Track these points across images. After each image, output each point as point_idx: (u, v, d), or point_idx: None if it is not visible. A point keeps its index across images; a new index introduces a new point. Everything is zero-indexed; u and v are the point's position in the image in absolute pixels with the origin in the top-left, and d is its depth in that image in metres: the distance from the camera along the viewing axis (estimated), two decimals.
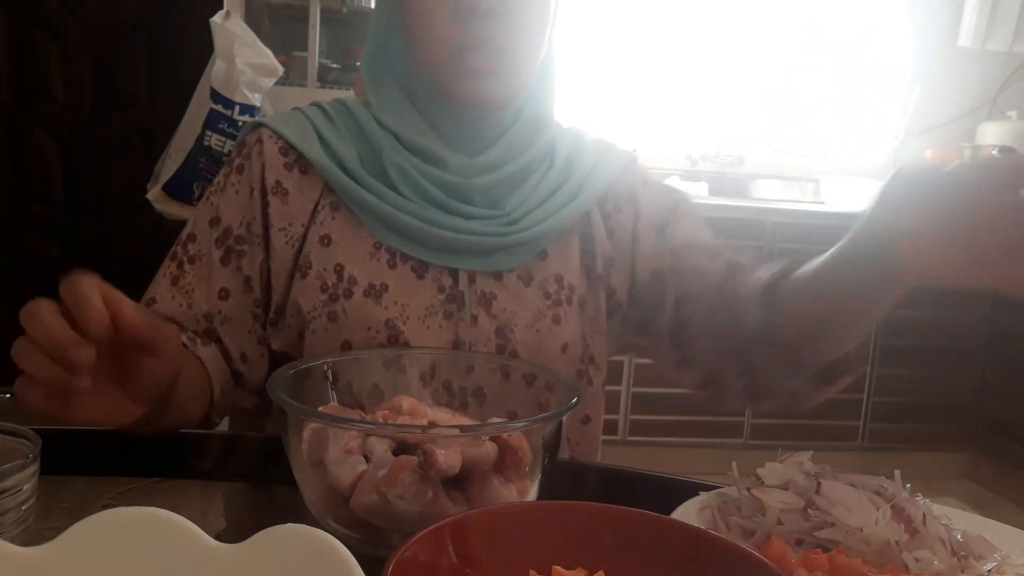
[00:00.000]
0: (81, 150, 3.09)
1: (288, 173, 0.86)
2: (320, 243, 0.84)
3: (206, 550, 0.40)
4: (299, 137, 0.86)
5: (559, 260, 0.88)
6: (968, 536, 0.58)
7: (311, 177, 0.86)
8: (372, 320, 0.81)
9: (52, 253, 3.07)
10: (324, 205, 0.85)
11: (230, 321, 0.85)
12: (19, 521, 0.49)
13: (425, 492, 0.52)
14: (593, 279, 0.90)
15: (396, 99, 0.86)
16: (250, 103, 2.41)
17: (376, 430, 0.56)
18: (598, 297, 0.90)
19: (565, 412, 0.57)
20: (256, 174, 0.86)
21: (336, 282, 0.82)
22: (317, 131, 0.86)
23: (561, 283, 0.88)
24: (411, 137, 0.84)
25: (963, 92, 3.49)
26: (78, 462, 0.66)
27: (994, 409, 3.02)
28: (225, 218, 0.85)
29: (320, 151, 0.85)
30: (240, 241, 0.85)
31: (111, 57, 3.08)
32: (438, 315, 0.83)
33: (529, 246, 0.86)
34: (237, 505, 0.66)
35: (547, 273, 0.87)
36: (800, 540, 0.56)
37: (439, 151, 0.84)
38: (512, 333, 0.84)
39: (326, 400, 0.66)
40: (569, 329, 0.86)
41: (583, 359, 0.89)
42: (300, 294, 0.83)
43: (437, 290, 0.84)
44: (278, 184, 0.85)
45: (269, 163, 0.86)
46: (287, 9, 2.80)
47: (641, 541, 0.47)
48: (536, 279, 0.87)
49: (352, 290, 0.82)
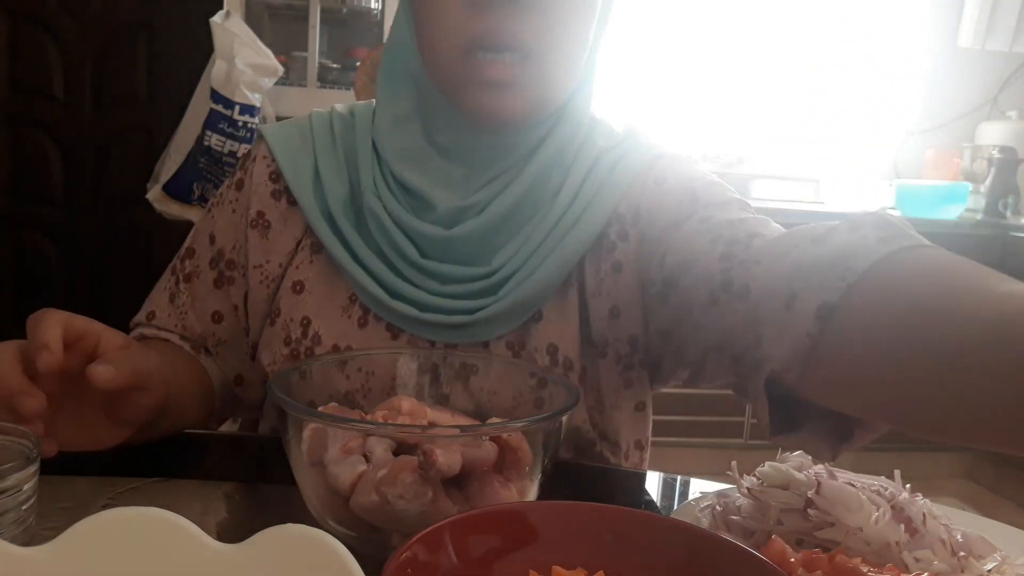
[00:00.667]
0: (81, 150, 3.09)
1: (275, 203, 0.80)
2: (292, 289, 0.78)
3: (206, 550, 0.40)
4: (292, 165, 0.78)
5: (555, 324, 0.75)
6: (968, 536, 0.58)
7: (297, 210, 0.79)
8: (333, 387, 0.69)
9: (52, 253, 3.07)
10: (304, 246, 0.79)
11: (224, 344, 0.83)
12: (19, 521, 0.49)
13: (425, 492, 0.52)
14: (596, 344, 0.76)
15: (405, 117, 0.75)
16: (250, 103, 2.41)
17: (376, 430, 0.56)
18: (598, 368, 0.77)
19: (565, 412, 0.57)
20: (245, 199, 0.81)
21: (300, 337, 0.76)
22: (316, 158, 0.79)
23: (555, 355, 0.75)
24: (403, 173, 0.74)
25: (963, 92, 3.49)
26: (78, 462, 0.66)
27: None
28: (220, 239, 0.82)
29: (308, 187, 0.77)
30: (231, 266, 0.81)
31: (111, 57, 3.08)
32: (408, 387, 0.70)
33: (515, 311, 0.74)
34: (237, 505, 0.66)
35: (539, 341, 0.74)
36: (800, 540, 0.56)
37: (429, 192, 0.73)
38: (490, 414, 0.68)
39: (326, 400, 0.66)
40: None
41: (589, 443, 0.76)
42: (265, 344, 0.79)
43: (410, 357, 0.71)
44: (260, 216, 0.79)
45: (255, 189, 0.80)
46: (287, 9, 2.80)
47: (641, 541, 0.47)
48: (528, 348, 0.75)
49: (314, 349, 0.75)
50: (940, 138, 3.48)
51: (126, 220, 2.99)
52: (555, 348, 0.75)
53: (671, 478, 0.77)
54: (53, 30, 3.04)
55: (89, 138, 3.09)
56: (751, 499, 0.60)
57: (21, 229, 3.09)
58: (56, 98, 3.07)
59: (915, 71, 3.46)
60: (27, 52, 3.04)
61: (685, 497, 0.71)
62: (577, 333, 0.75)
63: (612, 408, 0.78)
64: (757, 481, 0.61)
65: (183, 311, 0.82)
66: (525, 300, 0.73)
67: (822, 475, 0.60)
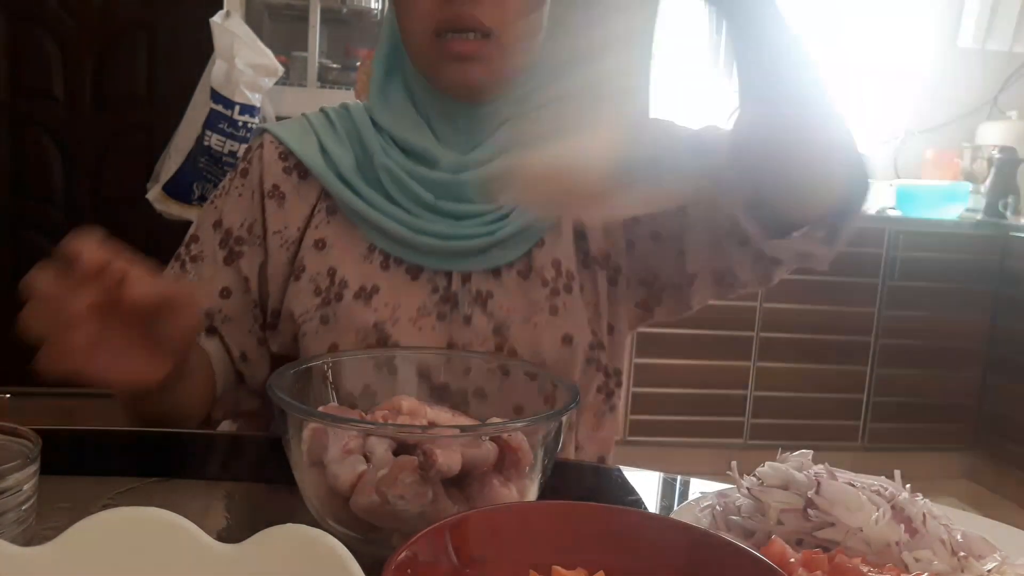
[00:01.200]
0: (81, 150, 3.09)
1: (287, 177, 0.86)
2: (315, 247, 0.84)
3: (206, 550, 0.40)
4: (299, 143, 0.86)
5: (554, 245, 0.85)
6: (968, 536, 0.58)
7: (309, 182, 0.86)
8: (360, 323, 0.81)
9: (52, 253, 3.07)
10: (320, 209, 0.86)
11: (231, 321, 0.85)
12: (19, 521, 0.49)
13: (425, 492, 0.52)
14: (589, 262, 0.87)
15: (397, 98, 0.86)
16: (250, 103, 2.41)
17: (376, 430, 0.56)
18: (597, 281, 0.87)
19: (565, 412, 0.57)
20: (256, 178, 0.87)
21: (328, 285, 0.83)
22: (318, 137, 0.87)
23: (559, 269, 0.85)
24: (404, 136, 0.84)
25: (963, 92, 3.49)
26: (78, 462, 0.66)
27: (994, 409, 3.02)
28: (227, 220, 0.86)
29: (318, 157, 0.85)
30: (240, 242, 0.86)
31: (111, 57, 3.09)
32: (431, 316, 0.82)
33: (522, 236, 0.84)
34: (237, 505, 0.66)
35: (544, 260, 0.85)
36: (800, 540, 0.56)
37: (431, 149, 0.83)
38: (509, 331, 0.82)
39: (326, 400, 0.66)
40: (570, 319, 0.83)
41: (592, 346, 0.86)
42: (294, 297, 0.83)
43: (431, 291, 0.83)
44: (275, 188, 0.86)
45: (267, 167, 0.86)
46: (287, 9, 2.80)
47: (641, 541, 0.47)
48: (535, 269, 0.84)
49: (343, 293, 0.82)
50: (940, 138, 3.48)
51: (126, 220, 2.99)
52: (558, 262, 0.85)
53: (671, 478, 0.77)
54: (53, 30, 3.04)
55: (89, 138, 3.09)
56: (751, 499, 0.60)
57: (21, 229, 3.09)
58: (56, 98, 3.07)
59: (915, 71, 3.46)
60: (27, 52, 3.04)
61: (685, 497, 0.71)
62: (573, 250, 0.86)
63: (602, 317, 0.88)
64: (757, 481, 0.61)
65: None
66: (530, 223, 0.83)
67: (822, 475, 0.60)
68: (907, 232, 2.94)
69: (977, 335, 3.03)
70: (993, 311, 3.02)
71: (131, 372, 0.64)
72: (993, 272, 2.99)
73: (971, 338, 3.03)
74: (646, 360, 2.83)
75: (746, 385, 2.92)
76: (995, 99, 3.51)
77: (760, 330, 2.89)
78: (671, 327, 2.81)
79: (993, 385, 3.03)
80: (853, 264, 2.90)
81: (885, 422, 3.03)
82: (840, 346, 2.95)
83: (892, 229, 2.93)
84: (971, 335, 3.03)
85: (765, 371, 2.92)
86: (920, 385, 3.03)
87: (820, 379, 2.96)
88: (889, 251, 2.93)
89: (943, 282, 2.98)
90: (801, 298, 2.89)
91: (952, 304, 2.99)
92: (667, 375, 2.86)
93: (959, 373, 3.05)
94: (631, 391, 2.83)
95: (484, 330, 0.82)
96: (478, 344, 0.82)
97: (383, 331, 0.80)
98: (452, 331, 0.82)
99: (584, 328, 0.85)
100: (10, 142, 3.07)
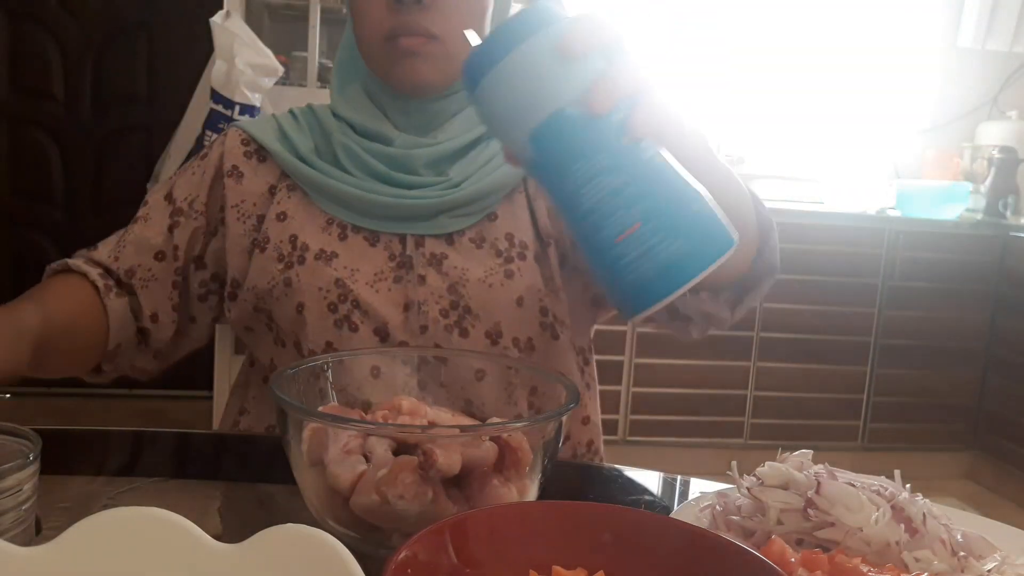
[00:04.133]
0: (81, 150, 3.09)
1: (247, 160, 0.93)
2: (277, 219, 0.89)
3: (206, 550, 0.40)
4: (261, 132, 0.93)
5: (509, 220, 0.90)
6: (968, 536, 0.58)
7: (268, 165, 0.92)
8: (322, 280, 0.85)
9: (52, 253, 3.07)
10: (281, 187, 0.91)
11: (154, 280, 0.91)
12: (19, 521, 0.49)
13: (425, 492, 0.52)
14: (543, 238, 0.90)
15: (357, 97, 0.92)
16: (250, 103, 2.41)
17: (376, 430, 0.56)
18: (549, 255, 0.90)
19: (565, 412, 0.57)
20: (214, 159, 0.93)
21: (291, 251, 0.88)
22: (281, 128, 0.93)
23: (512, 241, 0.89)
24: (362, 122, 0.90)
25: (963, 92, 3.49)
26: (78, 462, 0.66)
27: (994, 409, 3.02)
28: (176, 193, 0.93)
29: (277, 142, 0.92)
30: (178, 213, 0.92)
31: (111, 57, 3.09)
32: (388, 279, 0.86)
33: (474, 206, 0.88)
34: (237, 505, 0.66)
35: (498, 233, 0.89)
36: (800, 540, 0.56)
37: (387, 132, 0.89)
38: (464, 288, 0.85)
39: (326, 400, 0.66)
40: (523, 283, 0.87)
41: (544, 313, 0.89)
42: (259, 270, 0.88)
43: (388, 257, 0.87)
44: (234, 168, 0.92)
45: (229, 151, 0.93)
46: (287, 9, 2.80)
47: (641, 541, 0.47)
48: (488, 240, 0.88)
49: (304, 256, 0.87)
50: (940, 138, 3.48)
51: (126, 220, 2.99)
52: (511, 236, 0.89)
53: (671, 478, 0.77)
54: (53, 30, 3.05)
55: (89, 138, 3.09)
56: (751, 499, 0.60)
57: (21, 229, 3.09)
58: (56, 98, 3.07)
59: (915, 71, 3.46)
60: (27, 52, 3.04)
61: (685, 497, 0.71)
62: (530, 225, 0.90)
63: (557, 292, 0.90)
64: (757, 481, 0.61)
65: (123, 245, 0.92)
66: (481, 193, 0.87)
67: (822, 475, 0.60)
68: (907, 232, 2.94)
69: (977, 335, 3.03)
70: (993, 311, 3.02)
71: None
72: (993, 272, 2.99)
73: (971, 338, 3.03)
74: (646, 360, 2.83)
75: (746, 385, 2.92)
76: (995, 99, 3.51)
77: (760, 330, 2.89)
78: None
79: (993, 385, 3.03)
80: (853, 264, 2.90)
81: (885, 422, 3.03)
82: (840, 346, 2.95)
83: (892, 229, 2.93)
84: (971, 335, 3.03)
85: (765, 371, 2.92)
86: (920, 385, 3.03)
87: (820, 379, 2.96)
88: (889, 251, 2.93)
89: (943, 282, 2.98)
90: (801, 298, 2.89)
91: (952, 304, 3.00)
92: (667, 375, 2.86)
93: (959, 373, 3.05)
94: (631, 391, 2.83)
95: (439, 288, 0.86)
96: (433, 302, 0.85)
97: (345, 286, 0.85)
98: (408, 291, 0.86)
99: (537, 293, 0.88)
100: (10, 142, 3.07)
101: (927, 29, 3.43)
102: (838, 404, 3.00)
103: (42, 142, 3.09)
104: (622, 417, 2.84)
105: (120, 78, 3.09)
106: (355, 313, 0.84)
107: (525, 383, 0.70)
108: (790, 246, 2.84)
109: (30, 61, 3.04)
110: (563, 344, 0.91)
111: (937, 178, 3.32)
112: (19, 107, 3.06)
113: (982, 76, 3.49)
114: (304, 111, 0.96)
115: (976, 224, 3.06)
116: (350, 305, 0.85)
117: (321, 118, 0.93)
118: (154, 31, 3.09)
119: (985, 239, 3.00)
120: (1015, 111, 3.41)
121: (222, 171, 0.92)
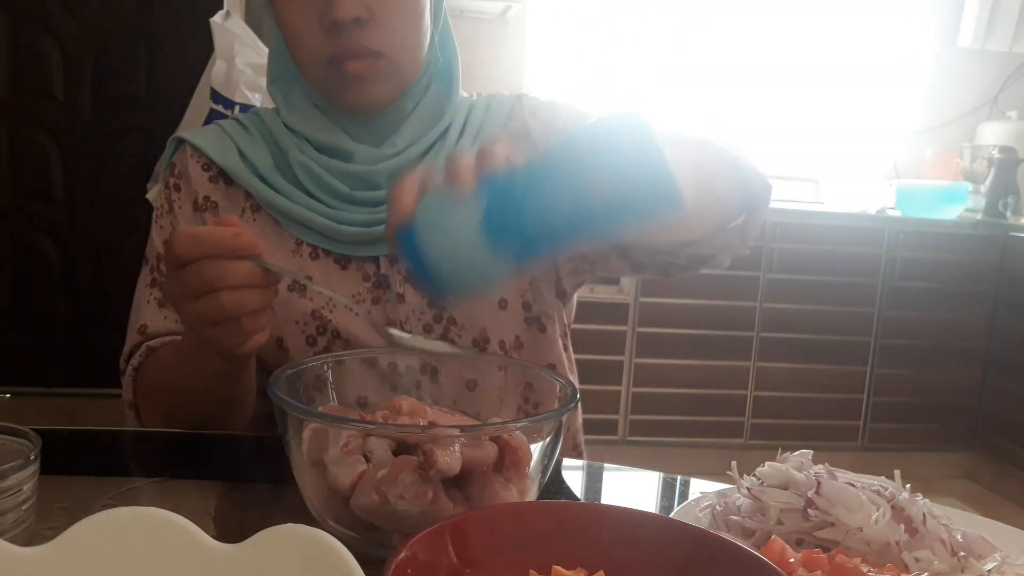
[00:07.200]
0: (81, 150, 3.09)
1: (214, 187, 0.90)
2: None
3: (206, 550, 0.40)
4: (218, 152, 0.90)
5: None
6: (968, 536, 0.58)
7: (235, 187, 0.90)
8: (297, 313, 0.84)
9: (52, 253, 3.07)
10: (245, 208, 0.89)
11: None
12: (19, 521, 0.49)
13: (425, 492, 0.52)
14: None
15: (303, 105, 0.89)
16: (250, 103, 2.41)
17: (376, 430, 0.56)
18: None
19: (565, 412, 0.57)
20: (189, 191, 0.90)
21: None
22: (235, 143, 0.90)
23: None
24: (317, 136, 0.87)
25: (963, 92, 3.49)
26: (78, 462, 0.66)
27: (994, 409, 3.02)
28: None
29: (239, 162, 0.89)
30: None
31: (111, 57, 3.08)
32: (366, 301, 0.86)
33: None
34: (237, 505, 0.66)
35: None
36: (800, 540, 0.56)
37: (344, 145, 0.87)
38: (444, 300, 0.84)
39: (326, 400, 0.66)
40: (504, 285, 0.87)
41: (527, 308, 0.89)
42: None
43: (362, 278, 0.86)
44: (206, 199, 0.90)
45: (195, 180, 0.90)
46: None
47: (641, 541, 0.47)
48: None
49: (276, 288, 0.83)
50: (940, 138, 3.48)
51: (126, 220, 2.99)
52: None
53: (671, 478, 0.77)
54: (53, 30, 3.04)
55: (89, 138, 3.09)
56: (751, 499, 0.60)
57: (21, 229, 3.09)
58: (56, 98, 3.07)
59: (915, 71, 3.46)
60: (27, 52, 3.03)
61: (685, 497, 0.71)
62: None
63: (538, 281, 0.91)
64: (757, 481, 0.61)
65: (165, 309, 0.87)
66: None
67: (822, 475, 0.60)
68: (907, 232, 2.94)
69: (977, 335, 3.03)
70: (993, 311, 3.02)
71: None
72: (993, 272, 2.99)
73: (971, 338, 3.03)
74: (646, 360, 2.83)
75: (746, 385, 2.92)
76: (995, 99, 3.51)
77: (760, 330, 2.89)
78: (671, 327, 2.82)
79: (993, 385, 3.03)
80: (853, 264, 2.90)
81: (885, 422, 3.03)
82: (840, 346, 2.95)
83: (892, 229, 2.93)
84: (971, 335, 3.03)
85: (765, 371, 2.92)
86: (920, 385, 3.03)
87: (820, 379, 2.96)
88: (889, 251, 2.93)
89: (943, 282, 2.98)
90: (801, 298, 2.89)
91: (952, 304, 2.99)
92: (667, 375, 2.86)
93: (959, 373, 3.05)
94: (631, 391, 2.83)
95: (419, 304, 0.85)
96: (416, 319, 0.85)
97: (322, 318, 0.84)
98: (388, 311, 0.85)
99: (518, 291, 0.88)
100: (10, 142, 3.07)
101: (927, 29, 3.43)
102: (838, 404, 3.00)
103: (42, 142, 3.08)
104: (622, 417, 2.84)
105: (120, 78, 3.09)
106: (336, 344, 0.83)
107: (521, 383, 0.71)
108: (790, 246, 2.84)
109: (30, 61, 3.04)
110: (551, 336, 0.91)
111: (937, 178, 3.32)
112: (19, 107, 3.05)
113: (982, 76, 3.49)
114: (251, 117, 0.93)
115: (976, 224, 3.06)
116: (330, 336, 0.84)
117: (272, 127, 0.90)
118: (154, 31, 3.09)
119: (985, 239, 3.00)
120: (1015, 111, 3.41)
121: (196, 205, 0.89)
